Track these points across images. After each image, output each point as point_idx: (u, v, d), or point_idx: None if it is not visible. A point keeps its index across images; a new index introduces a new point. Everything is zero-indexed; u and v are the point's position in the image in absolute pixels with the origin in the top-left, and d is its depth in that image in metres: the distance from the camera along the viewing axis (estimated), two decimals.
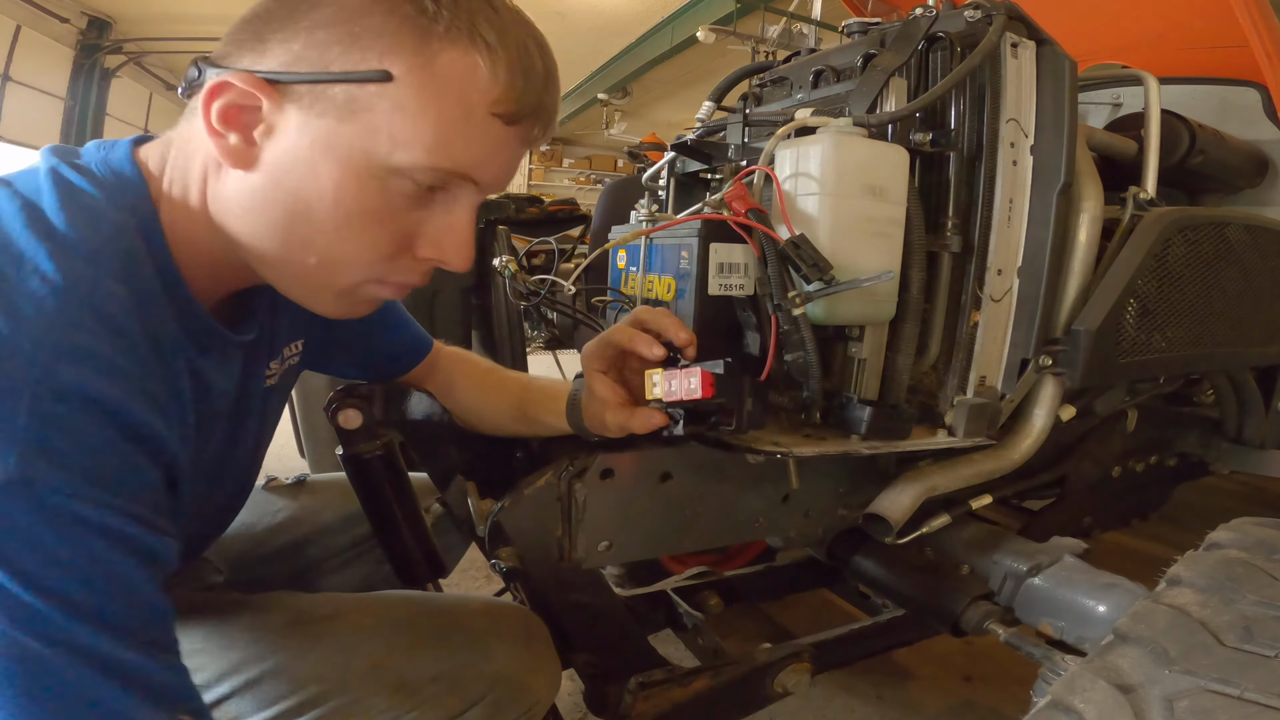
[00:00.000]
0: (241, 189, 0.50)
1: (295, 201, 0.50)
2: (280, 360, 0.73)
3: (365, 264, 0.53)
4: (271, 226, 0.51)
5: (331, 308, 0.57)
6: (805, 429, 0.79)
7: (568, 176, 12.90)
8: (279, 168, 0.49)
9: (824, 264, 0.69)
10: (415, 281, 0.57)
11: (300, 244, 0.51)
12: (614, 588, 1.28)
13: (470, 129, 0.50)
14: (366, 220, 0.50)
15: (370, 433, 0.90)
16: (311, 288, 0.55)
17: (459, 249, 0.55)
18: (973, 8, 0.80)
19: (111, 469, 0.43)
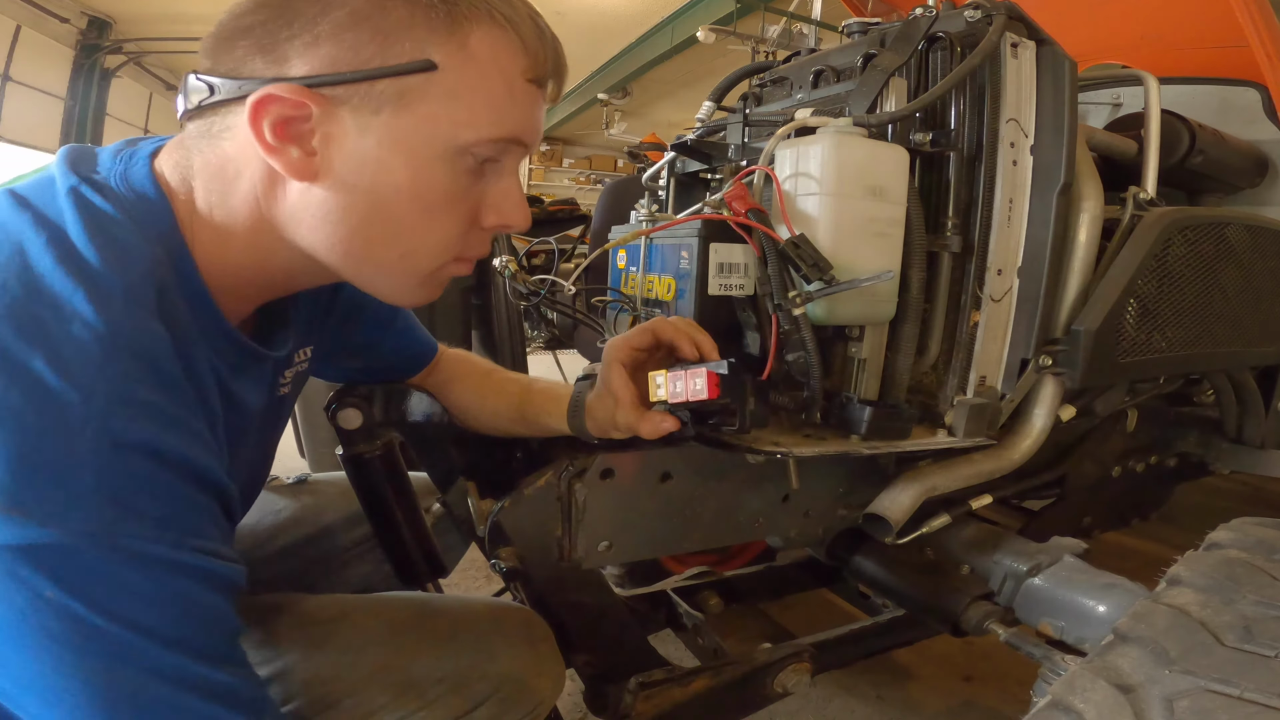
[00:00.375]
0: (311, 200, 0.50)
1: (374, 200, 0.51)
2: (292, 368, 0.74)
3: (446, 246, 0.55)
4: (352, 231, 0.52)
5: (414, 295, 0.58)
6: (805, 429, 0.79)
7: (568, 176, 12.90)
8: (349, 172, 0.50)
9: (824, 264, 0.69)
10: (484, 252, 0.60)
11: (384, 241, 0.53)
12: (614, 588, 1.27)
13: (514, 97, 0.52)
14: (444, 204, 0.53)
15: (370, 433, 0.90)
16: (397, 280, 0.56)
17: (519, 208, 0.57)
18: (973, 8, 0.80)
19: (180, 510, 0.44)
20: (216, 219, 0.52)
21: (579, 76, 8.90)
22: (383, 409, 0.91)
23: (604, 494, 0.79)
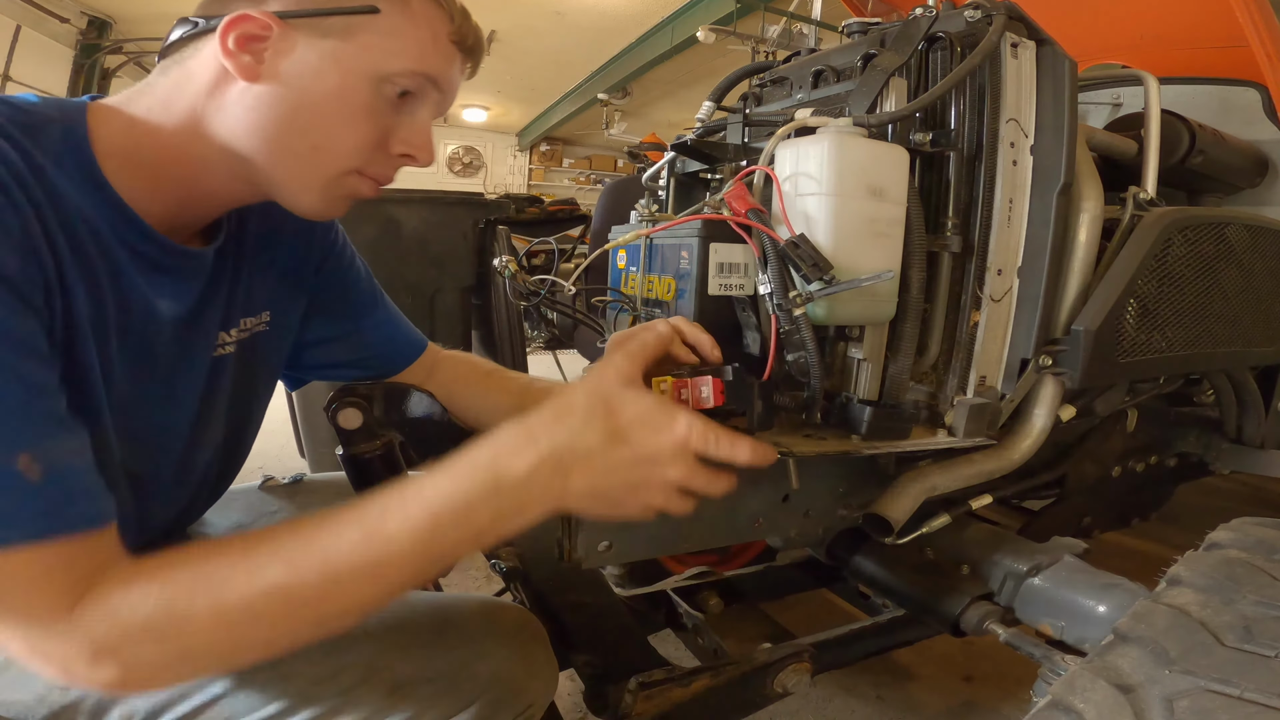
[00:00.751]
0: (247, 96, 0.60)
1: (303, 99, 0.60)
2: (239, 327, 0.74)
3: (354, 152, 0.63)
4: (275, 121, 0.60)
5: (317, 198, 0.65)
6: (805, 429, 0.79)
7: (568, 176, 12.90)
8: (288, 75, 0.59)
9: (824, 264, 0.69)
10: (388, 177, 0.68)
11: (301, 132, 0.61)
12: (614, 588, 1.28)
13: (437, 48, 0.64)
14: (360, 114, 0.62)
15: (370, 432, 0.90)
16: (304, 174, 0.63)
17: (425, 145, 0.67)
18: (973, 8, 0.80)
19: None
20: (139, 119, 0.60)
21: (579, 76, 8.89)
22: (383, 409, 0.91)
23: None
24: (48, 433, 0.49)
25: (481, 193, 2.77)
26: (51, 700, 0.57)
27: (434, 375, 0.94)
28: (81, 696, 0.57)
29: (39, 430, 0.48)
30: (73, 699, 0.57)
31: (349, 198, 0.67)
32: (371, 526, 0.51)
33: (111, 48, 7.79)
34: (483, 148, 12.35)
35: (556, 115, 10.55)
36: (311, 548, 0.51)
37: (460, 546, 0.54)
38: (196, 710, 0.58)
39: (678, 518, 0.84)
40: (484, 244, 2.02)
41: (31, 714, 0.57)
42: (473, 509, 0.53)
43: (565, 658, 0.93)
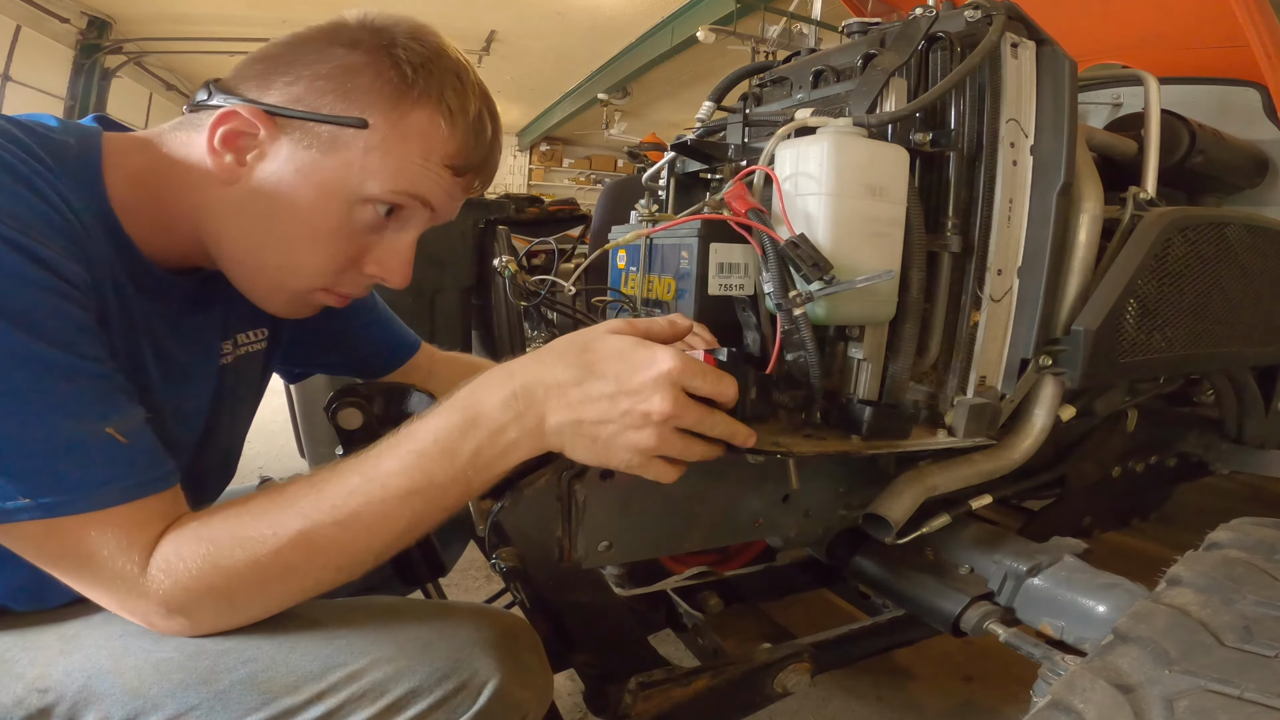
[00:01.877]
0: (223, 197, 0.61)
1: (272, 211, 0.61)
2: (234, 343, 0.78)
3: (319, 273, 0.64)
4: (247, 230, 0.62)
5: (280, 306, 0.67)
6: (805, 429, 0.79)
7: (568, 176, 12.91)
8: (264, 184, 0.60)
9: (824, 263, 0.69)
10: (358, 294, 0.69)
11: (270, 248, 0.62)
12: (614, 588, 1.28)
13: (428, 169, 0.63)
14: (329, 236, 0.62)
15: (370, 432, 0.90)
16: (268, 286, 0.65)
17: (400, 269, 0.67)
18: (973, 8, 0.80)
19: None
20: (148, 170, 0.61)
21: (579, 76, 8.90)
22: (383, 409, 0.91)
23: (604, 494, 0.79)
24: (125, 403, 0.55)
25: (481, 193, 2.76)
26: (29, 703, 0.55)
27: (434, 376, 0.95)
28: (57, 700, 0.56)
29: (118, 401, 0.54)
30: (49, 702, 0.55)
31: (315, 306, 0.69)
32: (369, 470, 0.56)
33: (111, 48, 7.80)
34: None
35: (556, 115, 10.56)
36: (321, 496, 0.56)
37: (452, 486, 0.57)
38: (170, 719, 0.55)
39: (678, 518, 0.85)
40: (484, 244, 2.02)
41: (10, 715, 0.55)
42: (454, 443, 0.56)
43: (565, 658, 0.93)
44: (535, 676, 0.65)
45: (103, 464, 0.52)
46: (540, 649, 0.68)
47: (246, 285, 0.65)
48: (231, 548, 0.54)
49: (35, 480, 0.50)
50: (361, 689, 0.57)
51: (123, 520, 0.52)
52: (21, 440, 0.49)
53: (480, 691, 0.60)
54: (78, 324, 0.53)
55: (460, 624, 0.63)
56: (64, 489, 0.50)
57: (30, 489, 0.49)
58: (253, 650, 0.57)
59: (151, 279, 0.64)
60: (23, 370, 0.49)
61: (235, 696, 0.55)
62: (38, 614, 0.62)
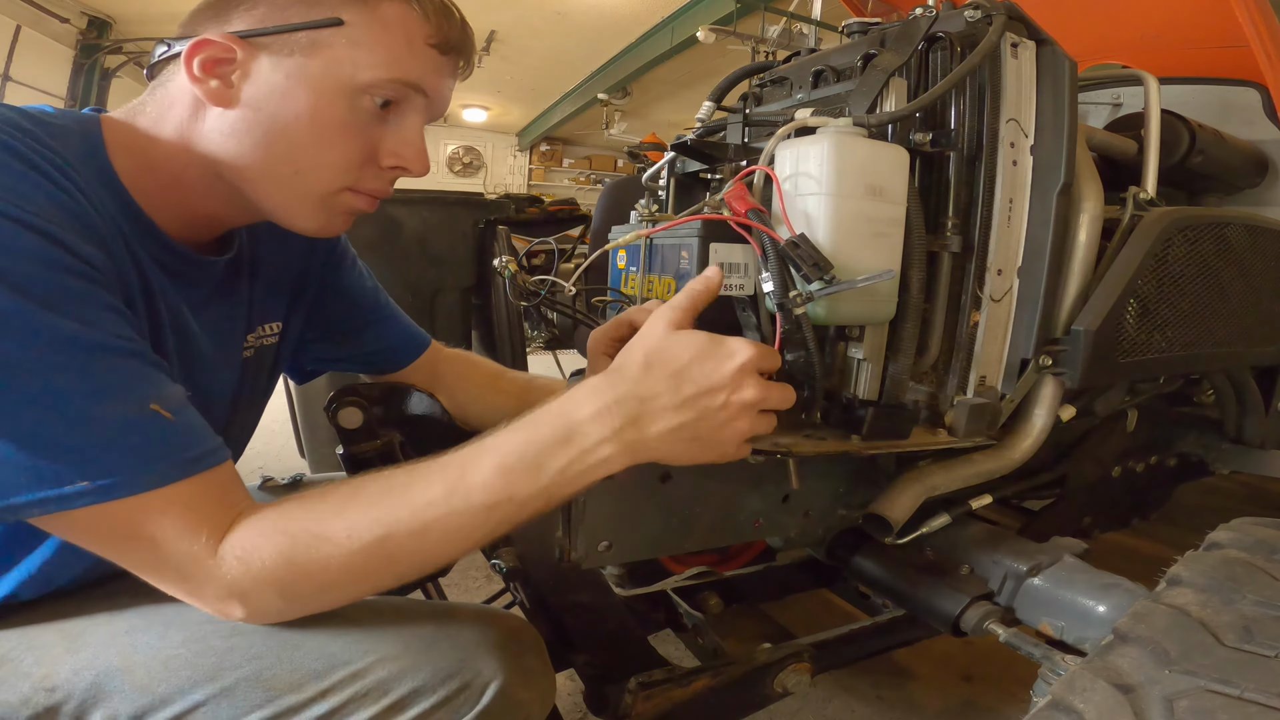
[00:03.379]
0: (223, 122, 0.60)
1: (275, 123, 0.60)
2: (257, 334, 0.78)
3: (339, 171, 0.63)
4: (254, 147, 0.61)
5: (312, 219, 0.66)
6: (805, 429, 0.79)
7: (568, 176, 12.91)
8: (258, 99, 0.60)
9: (825, 263, 0.68)
10: (383, 191, 0.68)
11: (281, 158, 0.61)
12: (614, 588, 1.27)
13: (413, 51, 0.63)
14: (338, 132, 0.62)
15: (370, 432, 0.90)
16: (293, 198, 0.64)
17: (417, 155, 0.66)
18: (973, 8, 0.80)
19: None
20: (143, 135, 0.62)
21: (579, 76, 8.89)
22: (383, 408, 0.91)
23: (604, 494, 0.79)
24: (164, 379, 0.54)
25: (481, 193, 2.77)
26: (36, 702, 0.56)
27: (438, 374, 0.95)
28: (65, 698, 0.56)
29: (157, 378, 0.54)
30: (57, 700, 0.56)
31: (347, 214, 0.67)
32: (452, 480, 0.56)
33: (111, 48, 7.79)
34: (483, 148, 12.35)
35: (556, 115, 10.55)
36: (400, 503, 0.56)
37: (532, 500, 0.57)
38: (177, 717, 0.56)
39: (678, 518, 0.85)
40: (484, 244, 2.02)
41: (15, 715, 0.56)
42: (542, 459, 0.57)
43: (565, 658, 0.93)
44: (538, 678, 0.66)
45: (153, 442, 0.51)
46: (543, 651, 0.68)
47: (272, 205, 0.64)
48: (308, 545, 0.54)
49: (88, 464, 0.49)
50: (365, 687, 0.57)
51: (182, 498, 0.52)
52: (69, 424, 0.49)
53: (483, 692, 0.60)
54: (105, 304, 0.52)
55: (464, 625, 0.64)
56: (118, 470, 0.50)
57: (85, 472, 0.49)
58: (258, 647, 0.58)
59: (176, 259, 0.64)
60: (59, 353, 0.48)
61: (240, 693, 0.56)
62: (40, 609, 0.63)
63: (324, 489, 0.58)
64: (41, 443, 0.48)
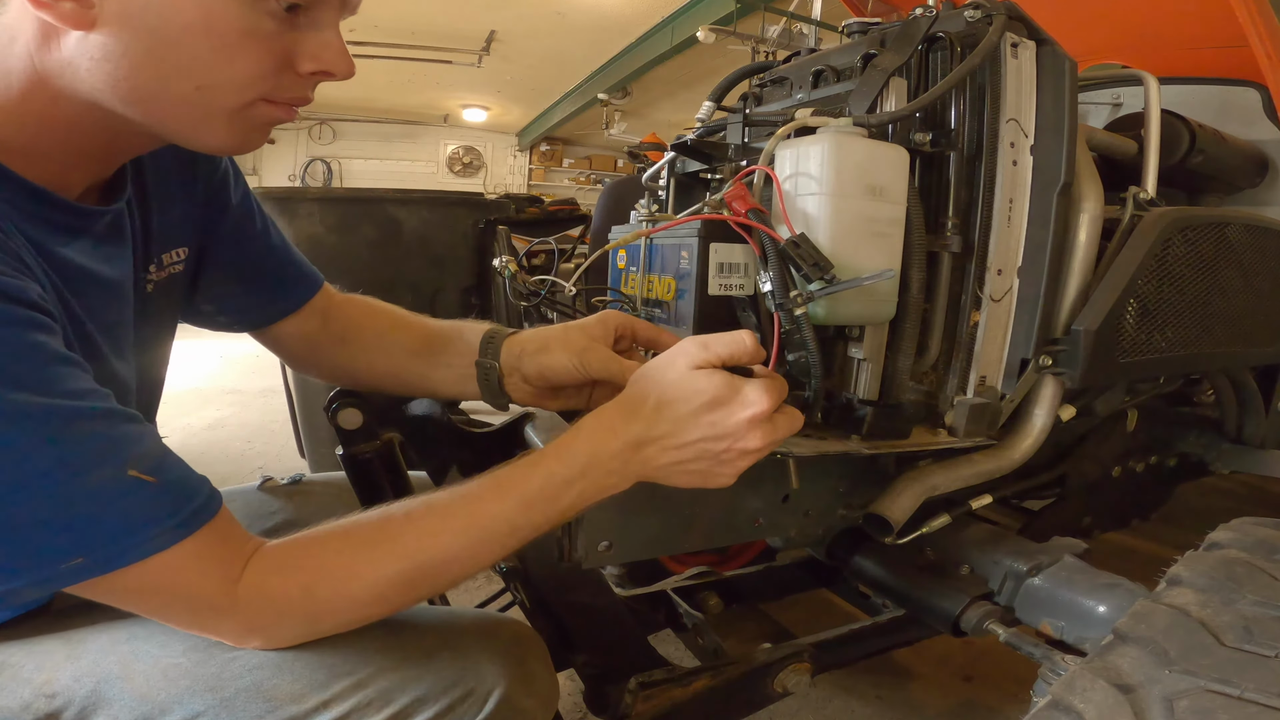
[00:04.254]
0: (88, 46, 0.51)
1: (159, 37, 0.51)
2: (158, 264, 0.73)
3: (250, 80, 0.55)
4: (135, 68, 0.52)
5: (226, 135, 0.58)
6: (805, 429, 0.79)
7: (568, 176, 12.90)
8: (131, 14, 0.50)
9: (825, 263, 0.69)
10: (304, 98, 0.60)
11: (175, 75, 0.53)
12: (614, 588, 1.28)
13: None
14: (241, 40, 0.53)
15: (370, 432, 0.90)
16: (200, 116, 0.56)
17: (339, 57, 0.58)
18: (973, 8, 0.80)
19: None
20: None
21: (579, 76, 8.89)
22: (383, 409, 0.91)
23: None
24: (134, 435, 0.52)
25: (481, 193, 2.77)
26: (36, 708, 0.56)
27: (329, 319, 0.89)
28: (65, 705, 0.56)
29: (128, 433, 0.51)
30: (57, 707, 0.56)
31: (265, 126, 0.60)
32: (475, 513, 0.59)
33: None
34: (483, 148, 12.35)
35: (556, 115, 10.55)
36: (423, 535, 0.58)
37: (547, 524, 0.61)
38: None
39: (678, 518, 0.85)
40: (484, 244, 2.02)
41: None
42: (560, 491, 0.60)
43: (565, 658, 0.93)
44: (541, 685, 0.65)
45: (139, 510, 0.50)
46: (546, 657, 0.68)
47: (175, 127, 0.57)
48: (330, 580, 0.56)
49: (80, 539, 0.48)
50: (367, 698, 0.56)
51: (186, 556, 0.52)
52: (53, 503, 0.47)
53: (486, 700, 0.60)
54: (57, 356, 0.49)
55: (466, 632, 0.64)
56: (110, 542, 0.49)
57: (80, 548, 0.48)
58: (259, 658, 0.57)
59: (64, 213, 0.59)
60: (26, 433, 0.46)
61: (240, 704, 0.55)
62: (40, 620, 0.63)
63: (343, 525, 0.59)
64: (28, 524, 0.47)
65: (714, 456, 0.61)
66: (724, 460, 0.62)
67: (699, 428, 0.60)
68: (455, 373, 0.87)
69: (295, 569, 0.56)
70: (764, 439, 0.61)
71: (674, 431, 0.61)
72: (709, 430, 0.60)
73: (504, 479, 0.61)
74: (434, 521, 0.59)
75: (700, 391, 0.60)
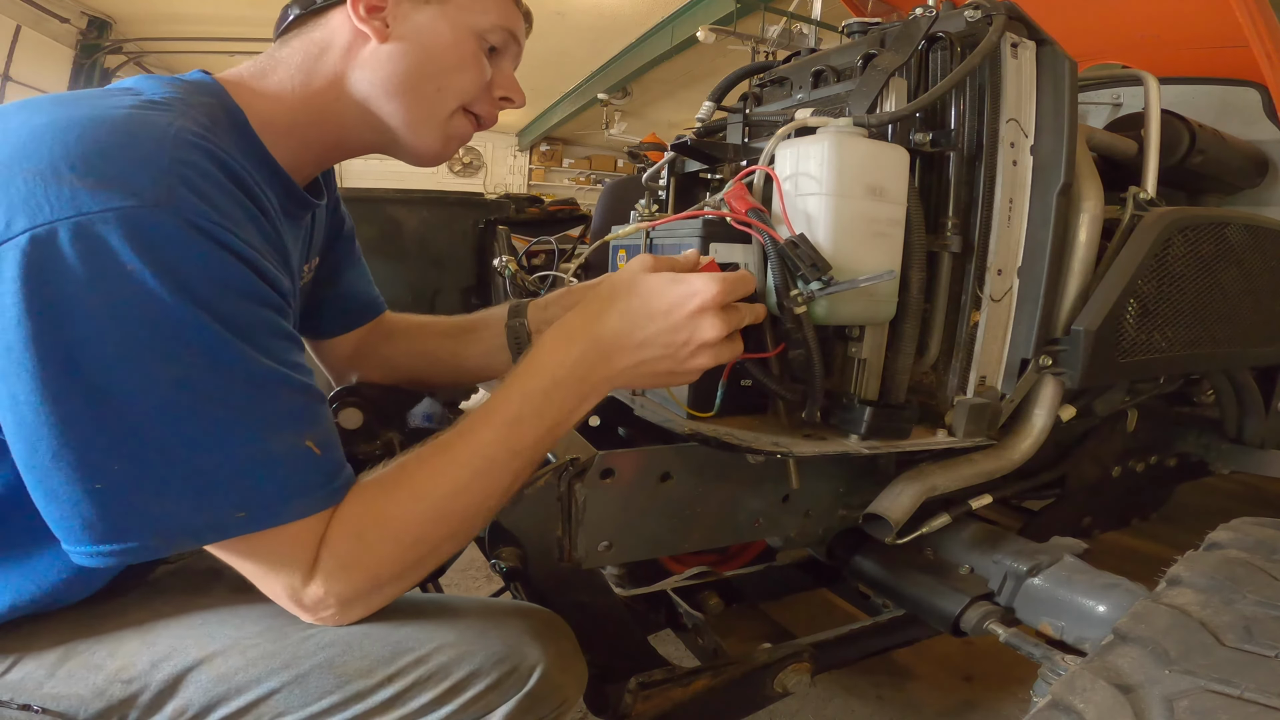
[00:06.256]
0: (380, 53, 0.72)
1: (424, 49, 0.73)
2: (309, 270, 0.87)
3: (465, 89, 0.76)
4: (406, 70, 0.72)
5: (434, 138, 0.76)
6: (805, 429, 0.79)
7: (568, 176, 12.90)
8: (410, 32, 0.72)
9: (822, 264, 0.69)
10: (491, 117, 0.80)
11: (427, 76, 0.73)
12: (614, 588, 1.28)
13: (508, 7, 0.78)
14: (471, 61, 0.75)
15: (370, 432, 0.90)
16: (427, 113, 0.75)
17: (518, 90, 0.81)
18: (973, 8, 0.80)
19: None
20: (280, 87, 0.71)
21: (579, 76, 8.89)
22: (383, 409, 0.91)
23: (604, 494, 0.79)
24: (318, 411, 0.59)
25: (481, 193, 2.77)
26: (111, 694, 0.58)
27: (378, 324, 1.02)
28: (141, 689, 0.59)
29: (317, 411, 0.59)
30: (132, 692, 0.59)
31: (459, 139, 0.79)
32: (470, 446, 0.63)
33: (111, 48, 7.79)
34: (483, 148, 12.35)
35: (556, 115, 10.55)
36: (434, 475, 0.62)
37: (543, 442, 0.65)
38: (252, 704, 0.59)
39: (678, 518, 0.85)
40: (484, 244, 2.02)
41: (87, 707, 0.58)
42: (540, 406, 0.64)
43: None
44: (574, 663, 0.71)
45: (299, 477, 0.56)
46: (575, 641, 0.74)
47: (405, 120, 0.74)
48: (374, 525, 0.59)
49: (241, 496, 0.53)
50: (428, 671, 0.62)
51: (308, 528, 0.57)
52: (234, 456, 0.52)
53: (529, 675, 0.65)
54: (285, 333, 0.57)
55: (509, 616, 0.69)
56: (266, 504, 0.54)
57: (240, 503, 0.53)
58: (330, 637, 0.62)
59: (296, 203, 0.74)
60: (244, 383, 0.53)
61: (313, 680, 0.60)
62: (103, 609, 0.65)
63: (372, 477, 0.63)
64: (215, 471, 0.52)
65: (674, 352, 0.65)
66: (686, 356, 0.65)
67: (653, 320, 0.64)
68: (485, 346, 0.99)
69: (341, 520, 0.59)
70: (720, 328, 0.64)
71: (630, 329, 0.65)
72: (664, 322, 0.64)
73: (488, 407, 0.65)
74: (440, 459, 0.63)
75: (651, 290, 0.65)
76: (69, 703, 0.58)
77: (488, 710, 0.63)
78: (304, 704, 0.60)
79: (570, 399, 0.65)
